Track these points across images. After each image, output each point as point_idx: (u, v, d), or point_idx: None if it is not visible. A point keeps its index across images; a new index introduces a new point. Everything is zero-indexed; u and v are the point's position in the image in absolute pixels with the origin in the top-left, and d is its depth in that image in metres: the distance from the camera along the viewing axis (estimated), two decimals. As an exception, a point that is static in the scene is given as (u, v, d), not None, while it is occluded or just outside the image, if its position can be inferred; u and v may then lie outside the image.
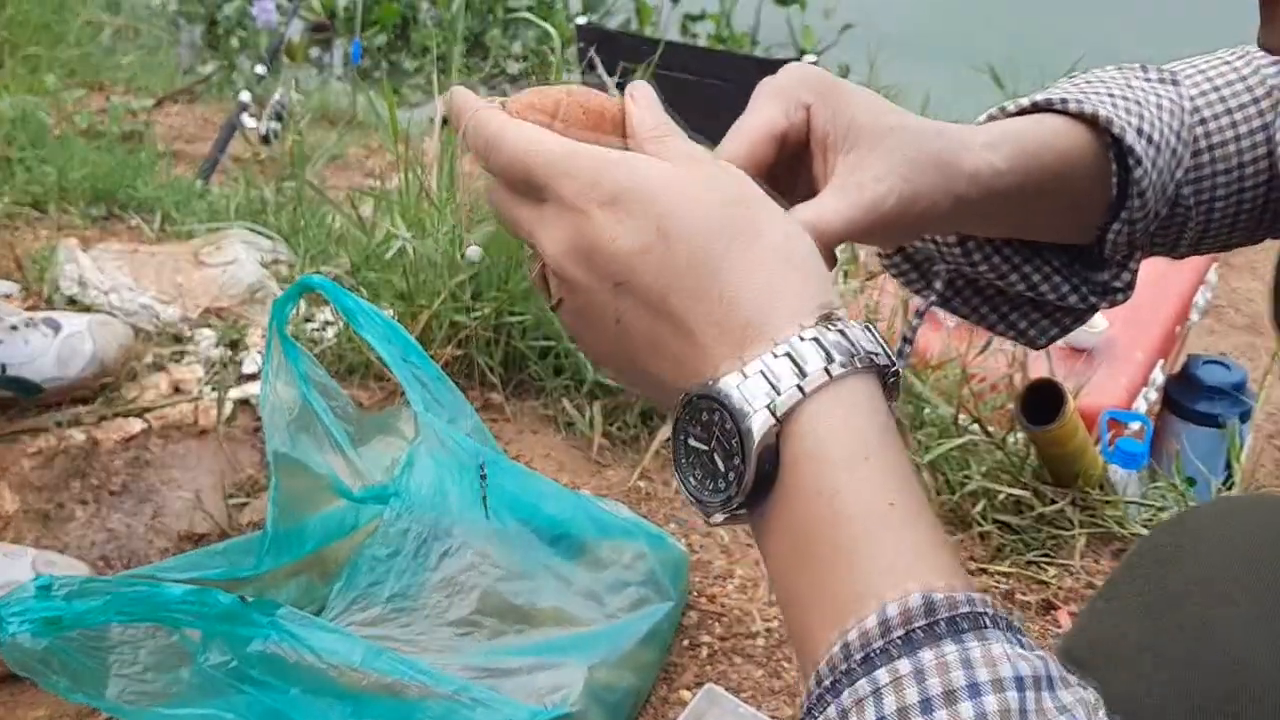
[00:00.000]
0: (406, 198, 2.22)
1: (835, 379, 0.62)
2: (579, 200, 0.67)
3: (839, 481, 0.61)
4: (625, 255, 0.66)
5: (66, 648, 1.12)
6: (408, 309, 2.02)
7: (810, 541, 0.62)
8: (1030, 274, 0.96)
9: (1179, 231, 0.99)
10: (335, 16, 7.10)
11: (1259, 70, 0.99)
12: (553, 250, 0.69)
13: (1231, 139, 0.97)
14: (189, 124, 4.09)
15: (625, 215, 0.66)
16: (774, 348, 0.63)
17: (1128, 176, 0.91)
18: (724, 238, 0.65)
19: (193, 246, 2.35)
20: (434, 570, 1.32)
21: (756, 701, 1.48)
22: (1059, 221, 0.93)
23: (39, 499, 1.72)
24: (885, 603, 0.58)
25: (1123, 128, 0.89)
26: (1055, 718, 0.55)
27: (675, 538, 1.62)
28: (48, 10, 4.39)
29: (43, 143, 2.82)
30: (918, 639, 0.57)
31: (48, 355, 1.83)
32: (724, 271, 0.65)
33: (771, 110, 0.78)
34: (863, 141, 0.78)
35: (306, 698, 1.16)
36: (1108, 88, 0.92)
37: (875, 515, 0.61)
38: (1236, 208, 0.99)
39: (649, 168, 0.68)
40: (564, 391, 2.00)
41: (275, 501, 1.37)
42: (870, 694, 0.56)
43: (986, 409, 1.98)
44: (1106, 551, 1.79)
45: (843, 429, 0.62)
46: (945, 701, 0.55)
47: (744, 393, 0.62)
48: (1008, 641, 0.58)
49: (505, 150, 0.70)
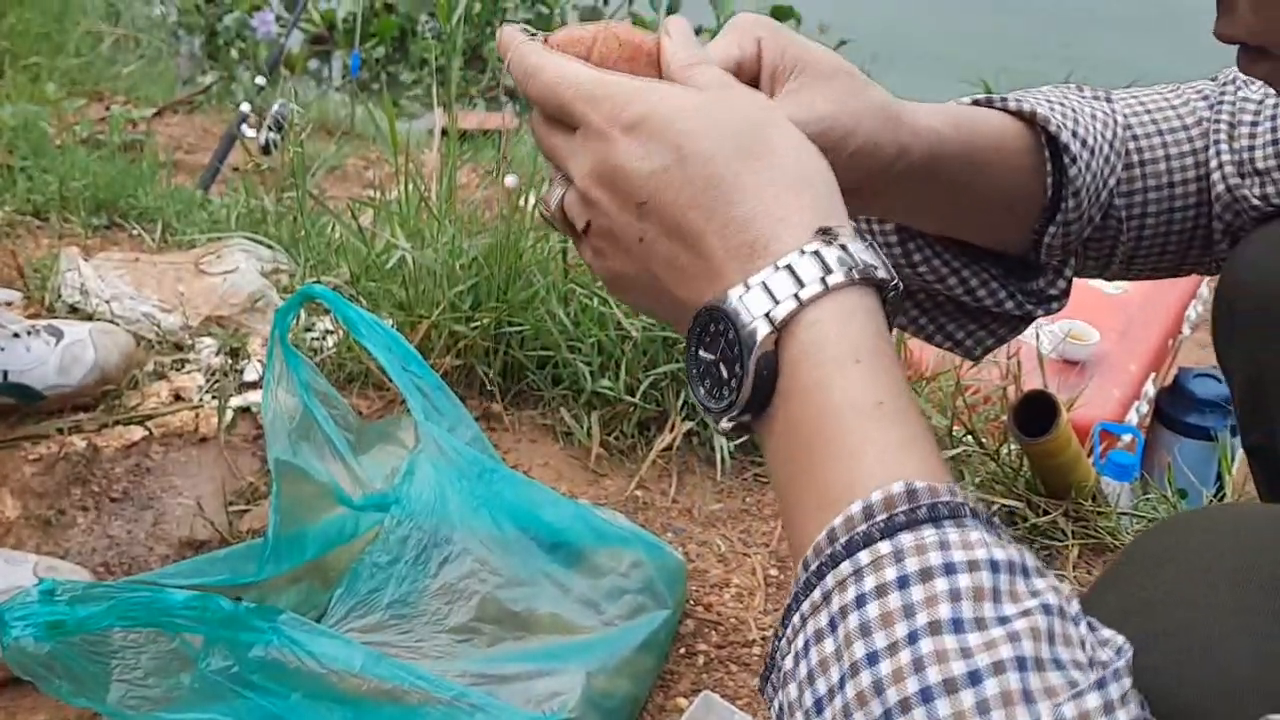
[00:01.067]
0: (406, 208, 2.22)
1: (831, 290, 0.65)
2: (605, 125, 0.71)
3: (831, 379, 0.64)
4: (646, 176, 0.69)
5: (69, 652, 1.12)
6: (407, 318, 2.02)
7: (803, 436, 0.65)
8: (968, 278, 0.99)
9: (1111, 245, 1.01)
10: (334, 29, 7.10)
11: (1189, 102, 1.02)
12: (582, 175, 0.73)
13: (1161, 157, 1.00)
14: (189, 134, 4.09)
15: (647, 139, 0.70)
16: (776, 261, 0.66)
17: (1062, 177, 0.93)
18: (737, 158, 0.69)
19: (194, 255, 2.35)
20: (433, 577, 1.33)
21: (752, 709, 1.48)
22: (997, 218, 0.95)
23: (40, 505, 1.72)
24: (870, 490, 0.60)
25: (1059, 127, 0.92)
26: (1027, 599, 0.56)
27: (672, 546, 1.62)
28: (48, 20, 4.39)
29: (44, 151, 2.82)
30: (899, 523, 0.59)
31: (49, 363, 1.83)
32: (736, 190, 0.68)
33: (726, 43, 0.82)
34: (808, 74, 0.82)
35: (307, 703, 1.16)
36: (1046, 96, 0.95)
37: (864, 412, 0.63)
38: (1166, 228, 1.01)
39: (671, 94, 0.72)
40: (562, 401, 2.00)
41: (276, 508, 1.38)
42: (851, 574, 0.58)
43: (980, 421, 1.99)
44: (1099, 563, 1.80)
45: (836, 334, 0.65)
46: (921, 578, 0.57)
47: (745, 304, 0.65)
48: (986, 532, 0.60)
49: (541, 80, 0.74)
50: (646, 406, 1.97)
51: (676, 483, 1.88)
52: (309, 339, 2.10)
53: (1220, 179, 0.99)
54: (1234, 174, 0.99)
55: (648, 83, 0.73)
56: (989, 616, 0.55)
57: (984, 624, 0.55)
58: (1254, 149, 0.98)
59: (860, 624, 0.57)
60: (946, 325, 1.03)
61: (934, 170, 0.86)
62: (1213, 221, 1.02)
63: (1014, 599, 0.56)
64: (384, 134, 2.46)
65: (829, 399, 0.64)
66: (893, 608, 0.56)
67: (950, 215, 0.93)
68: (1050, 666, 0.54)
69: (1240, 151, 0.99)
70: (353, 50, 5.67)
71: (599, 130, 0.71)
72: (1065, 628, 0.56)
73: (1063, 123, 0.92)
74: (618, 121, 0.70)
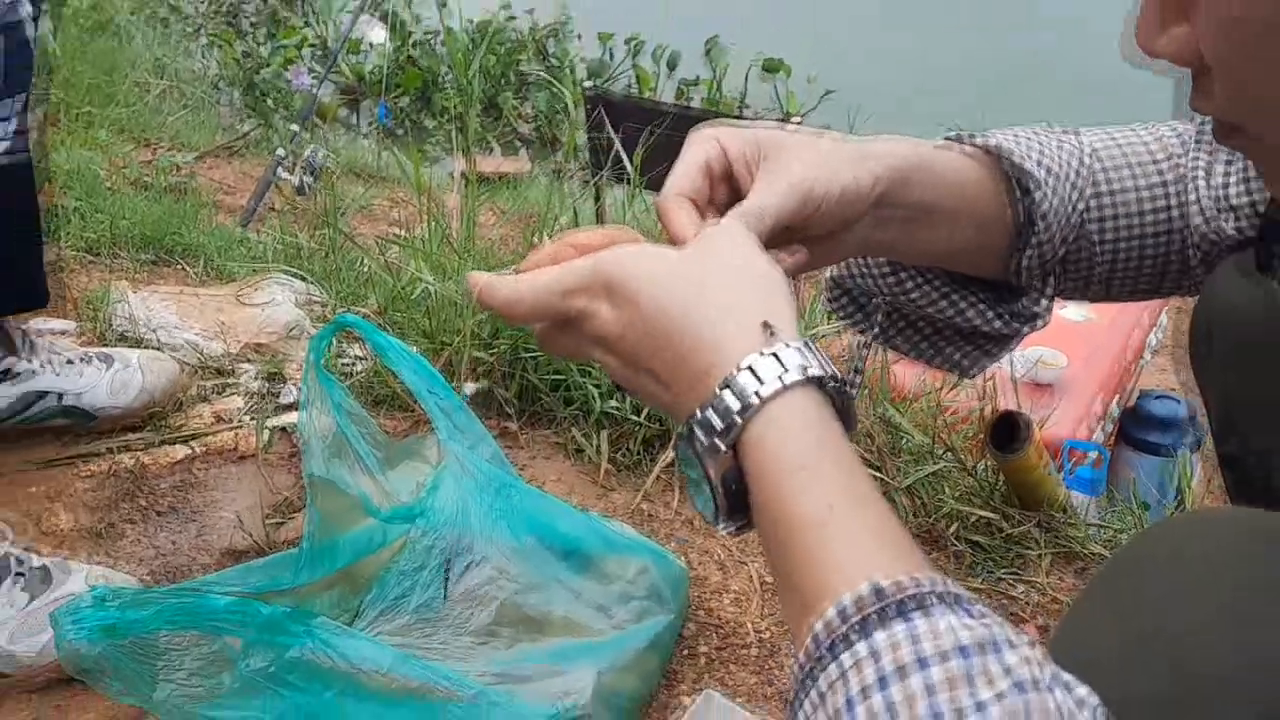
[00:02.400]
0: (430, 245, 2.23)
1: (766, 401, 0.66)
2: (588, 303, 0.74)
3: (782, 492, 0.65)
4: (619, 336, 0.73)
5: (119, 654, 1.12)
6: (431, 345, 2.03)
7: (776, 546, 0.66)
8: (957, 301, 0.99)
9: (1089, 267, 1.01)
10: (363, 80, 7.14)
11: (1162, 138, 1.02)
12: (593, 349, 0.76)
13: (1131, 187, 1.00)
14: (229, 177, 4.11)
15: (618, 302, 0.73)
16: (716, 385, 0.67)
17: (1030, 203, 0.93)
18: (679, 296, 0.71)
19: (234, 288, 2.36)
20: (456, 583, 1.32)
21: (751, 705, 1.48)
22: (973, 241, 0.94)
23: (92, 519, 1.72)
24: (840, 595, 0.61)
25: (1022, 157, 0.92)
26: (1000, 680, 0.56)
27: (675, 555, 1.61)
28: (100, 73, 4.41)
29: (96, 193, 2.83)
30: (872, 623, 0.59)
31: (101, 387, 1.84)
32: (679, 325, 0.70)
33: (694, 151, 0.83)
34: (776, 152, 0.83)
35: (340, 700, 1.16)
36: (1013, 133, 0.96)
37: (817, 520, 0.64)
38: (1139, 252, 1.01)
39: (624, 254, 0.74)
40: (573, 421, 2.00)
41: (311, 521, 1.37)
42: (838, 677, 0.59)
43: (959, 439, 1.98)
44: (1069, 570, 1.79)
45: (777, 444, 0.66)
46: (898, 676, 0.57)
47: (700, 429, 0.68)
48: (954, 614, 0.59)
49: (525, 306, 0.77)
50: (651, 425, 1.97)
51: (679, 496, 1.87)
52: (341, 364, 2.10)
53: (1199, 212, 0.99)
54: (1211, 208, 0.99)
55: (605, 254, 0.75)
56: (966, 706, 0.55)
57: (963, 714, 0.55)
58: (1229, 186, 0.98)
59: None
60: (945, 348, 1.04)
61: (907, 189, 0.87)
62: (1189, 250, 1.02)
63: (988, 682, 0.56)
64: (409, 177, 2.48)
65: (784, 512, 0.65)
66: (876, 709, 0.56)
67: (927, 241, 0.93)
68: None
69: (1216, 188, 0.99)
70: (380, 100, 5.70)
71: (585, 312, 0.74)
72: (1042, 701, 0.55)
73: (1025, 153, 0.93)
74: (596, 297, 0.73)
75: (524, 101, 7.50)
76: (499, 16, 8.01)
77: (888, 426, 1.98)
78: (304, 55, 7.38)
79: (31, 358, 1.77)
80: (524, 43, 7.95)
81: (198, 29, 7.85)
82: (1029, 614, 1.70)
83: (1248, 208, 0.98)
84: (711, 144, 0.83)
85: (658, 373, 0.71)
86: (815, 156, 0.82)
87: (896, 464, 1.90)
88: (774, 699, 1.51)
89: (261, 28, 8.15)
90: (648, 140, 2.50)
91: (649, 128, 2.58)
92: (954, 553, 1.80)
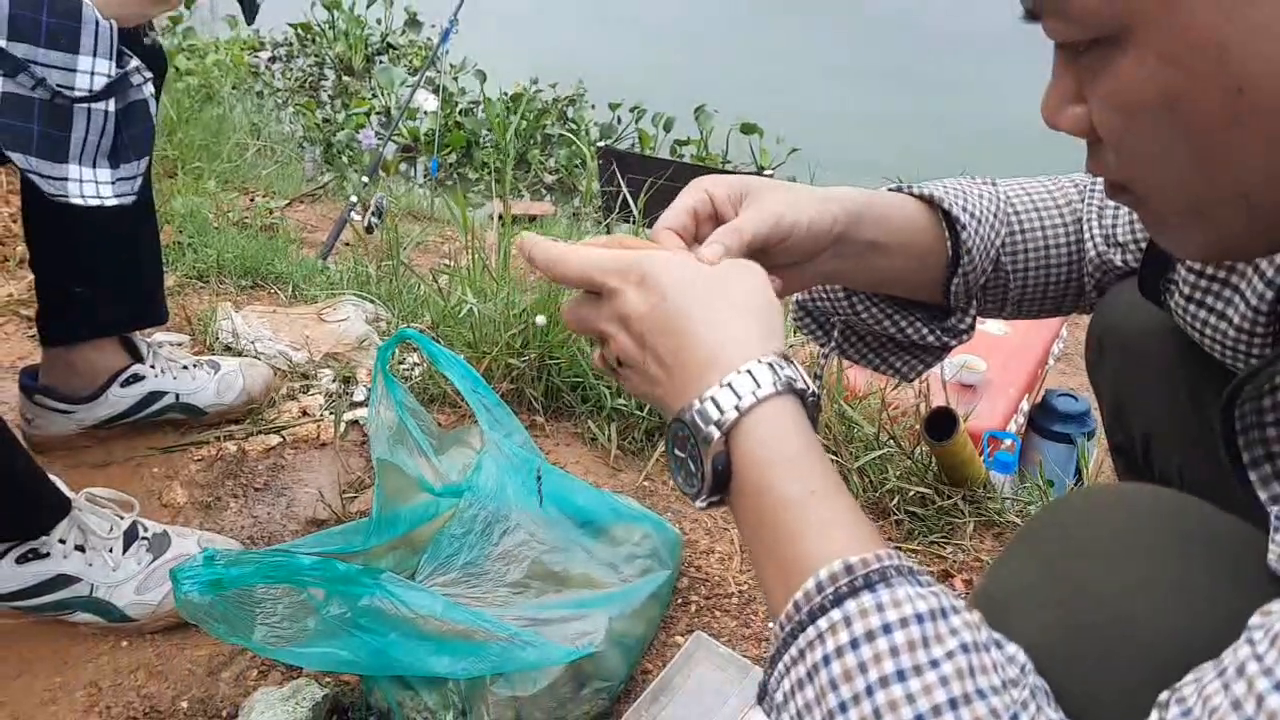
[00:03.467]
0: (473, 273, 2.23)
1: (761, 401, 0.66)
2: (621, 284, 0.72)
3: (771, 477, 0.65)
4: (642, 315, 0.71)
5: (224, 603, 1.12)
6: (474, 354, 2.03)
7: (760, 524, 0.65)
8: (898, 320, 0.99)
9: (1003, 292, 1.02)
10: (419, 141, 7.13)
11: (1064, 188, 1.03)
12: (607, 322, 0.74)
13: (1038, 228, 1.00)
14: (312, 219, 4.10)
15: (648, 289, 0.71)
16: (722, 380, 0.66)
17: (958, 239, 0.93)
18: (700, 300, 0.70)
19: (316, 308, 2.36)
20: (495, 545, 1.33)
21: (732, 645, 1.48)
22: (914, 272, 0.95)
23: (202, 494, 1.72)
24: (818, 569, 0.60)
25: (951, 204, 0.92)
26: (949, 639, 0.56)
27: (671, 523, 1.62)
28: (208, 135, 4.40)
29: (205, 231, 2.83)
30: (843, 593, 0.59)
31: (209, 388, 1.84)
32: (697, 324, 0.69)
33: (685, 199, 0.83)
34: (756, 192, 0.83)
35: (401, 640, 1.16)
36: (943, 184, 0.96)
37: (801, 502, 0.64)
38: (1045, 279, 1.02)
39: (665, 257, 0.73)
40: (589, 415, 2.00)
41: (379, 495, 1.38)
42: (816, 637, 0.58)
43: (900, 429, 1.98)
44: (989, 535, 1.79)
45: (768, 437, 0.66)
46: (866, 639, 0.57)
47: (699, 415, 0.66)
48: (909, 584, 0.59)
49: (570, 264, 0.75)
50: (652, 419, 1.97)
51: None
52: (402, 370, 2.11)
53: (1093, 247, 1.00)
54: (1103, 244, 0.99)
55: (648, 251, 0.74)
56: (923, 663, 0.55)
57: (920, 670, 0.55)
58: (1116, 226, 0.99)
59: (829, 680, 0.57)
60: (889, 357, 1.04)
61: (860, 228, 0.87)
62: (1085, 278, 1.02)
63: (939, 642, 0.56)
64: (456, 218, 2.48)
65: (773, 494, 0.64)
66: (850, 665, 0.56)
67: (879, 275, 0.94)
68: (975, 698, 0.54)
69: (1107, 228, 0.99)
70: (433, 157, 5.70)
71: (616, 289, 0.72)
72: (981, 659, 0.56)
73: (954, 201, 0.93)
74: (629, 280, 0.72)
75: (549, 157, 7.48)
76: (528, 89, 8.01)
77: (843, 419, 1.98)
78: (371, 120, 7.37)
79: (154, 364, 1.78)
80: (548, 109, 7.93)
81: (286, 100, 7.86)
82: (956, 570, 1.70)
83: (1132, 244, 0.98)
84: (700, 193, 0.83)
85: (663, 357, 0.70)
86: (787, 196, 0.83)
87: (850, 449, 1.91)
88: (750, 639, 1.51)
89: (337, 98, 8.15)
90: (649, 188, 2.50)
91: (650, 178, 2.59)
92: (895, 521, 1.80)
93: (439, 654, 1.18)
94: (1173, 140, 0.56)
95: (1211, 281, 0.81)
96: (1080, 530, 0.67)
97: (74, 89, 1.12)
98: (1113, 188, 0.65)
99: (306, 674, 1.35)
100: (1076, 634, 0.62)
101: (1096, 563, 0.65)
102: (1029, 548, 0.70)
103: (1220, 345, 0.81)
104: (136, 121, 1.20)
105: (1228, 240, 0.60)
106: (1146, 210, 0.63)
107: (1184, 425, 0.99)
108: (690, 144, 7.81)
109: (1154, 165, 0.59)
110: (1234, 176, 0.56)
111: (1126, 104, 0.57)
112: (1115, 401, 1.07)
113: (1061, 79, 0.62)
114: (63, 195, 1.15)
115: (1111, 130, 0.59)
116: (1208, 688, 0.50)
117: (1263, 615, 0.51)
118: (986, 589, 0.70)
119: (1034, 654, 0.60)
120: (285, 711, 1.24)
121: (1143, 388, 1.02)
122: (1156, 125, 0.56)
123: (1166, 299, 0.87)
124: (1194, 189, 0.58)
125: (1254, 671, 0.47)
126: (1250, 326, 0.77)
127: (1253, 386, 0.65)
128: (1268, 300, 0.74)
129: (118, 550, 1.42)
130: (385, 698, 1.26)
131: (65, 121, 1.13)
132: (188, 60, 6.59)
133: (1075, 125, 0.62)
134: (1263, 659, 0.48)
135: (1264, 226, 0.58)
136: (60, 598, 1.39)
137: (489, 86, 7.89)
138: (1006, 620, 0.62)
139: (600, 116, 8.11)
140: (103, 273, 1.65)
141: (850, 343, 1.04)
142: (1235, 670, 0.49)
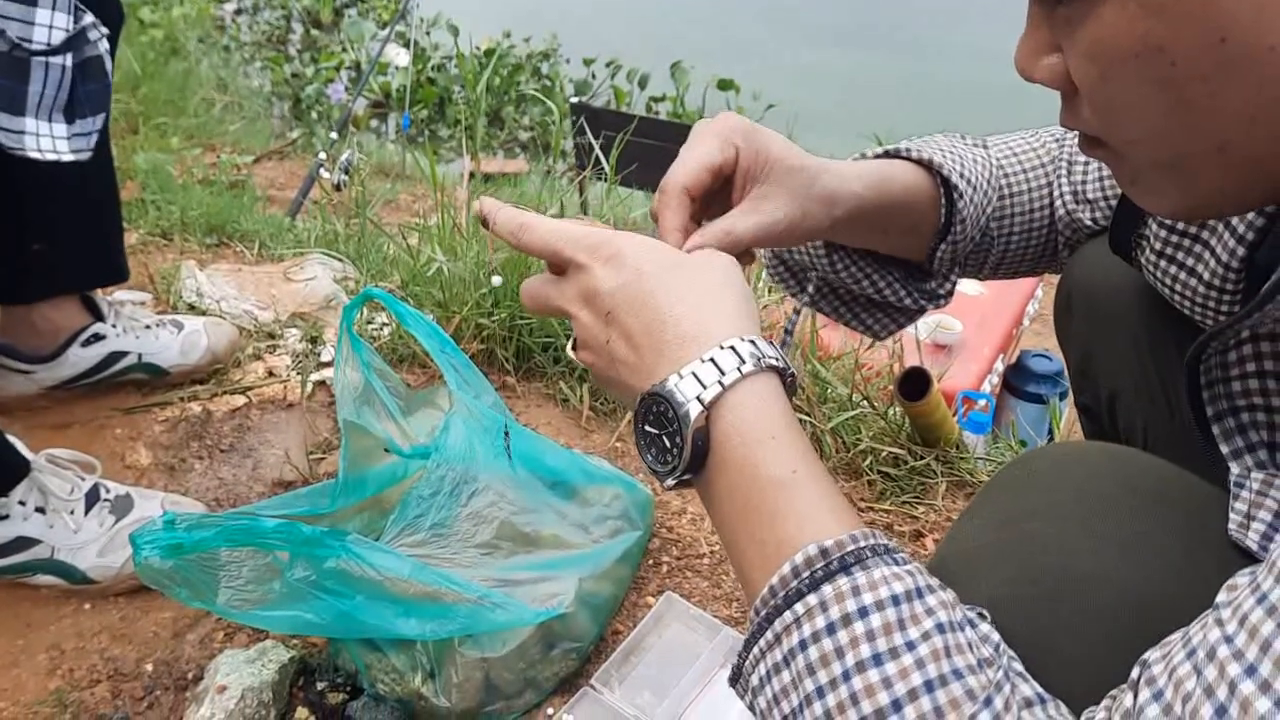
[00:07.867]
0: (443, 231, 2.21)
1: (745, 376, 0.64)
2: (589, 260, 0.70)
3: (755, 455, 0.63)
4: (611, 291, 0.69)
5: (186, 566, 1.11)
6: (444, 314, 2.01)
7: (739, 503, 0.64)
8: (877, 280, 0.98)
9: (985, 256, 1.01)
10: (390, 96, 7.05)
11: (1045, 144, 1.02)
12: (570, 300, 0.72)
13: (1024, 190, 0.99)
14: (279, 175, 4.06)
15: (618, 266, 0.70)
16: (702, 355, 0.65)
17: (953, 208, 0.92)
18: (677, 279, 0.69)
19: (282, 267, 2.33)
20: (464, 506, 1.32)
21: (703, 605, 1.48)
22: (903, 239, 0.94)
23: (166, 455, 1.71)
24: (794, 552, 0.59)
25: (950, 170, 0.91)
26: (925, 620, 0.56)
27: (643, 484, 1.62)
28: (173, 89, 4.34)
29: (169, 188, 2.79)
30: (819, 577, 0.58)
31: (173, 347, 1.82)
32: (674, 301, 0.68)
33: (710, 147, 0.78)
34: (772, 178, 0.80)
35: (368, 603, 1.16)
36: (938, 145, 0.94)
37: (783, 482, 0.62)
38: (1026, 241, 1.02)
39: (637, 238, 0.72)
40: (561, 376, 1.99)
41: (345, 457, 1.37)
42: (792, 621, 0.58)
43: (873, 389, 1.99)
44: (961, 494, 1.80)
45: (753, 414, 0.64)
46: (843, 623, 0.56)
47: (680, 390, 0.65)
48: (885, 564, 0.58)
49: (536, 233, 0.73)
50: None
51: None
52: (370, 329, 2.09)
53: (1061, 205, 0.99)
54: (1071, 201, 0.99)
55: (618, 232, 0.72)
56: (899, 645, 0.55)
57: (897, 653, 0.54)
58: (1085, 183, 0.98)
59: (806, 664, 0.56)
60: (861, 314, 1.03)
61: (856, 223, 0.86)
62: (1057, 237, 1.01)
63: (915, 623, 0.55)
64: (427, 175, 2.45)
65: (756, 473, 0.63)
66: (826, 650, 0.56)
67: (869, 241, 0.93)
68: (952, 679, 0.54)
69: (1076, 184, 0.99)
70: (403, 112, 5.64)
71: (584, 265, 0.70)
72: (957, 638, 0.55)
73: (953, 167, 0.91)
74: (598, 257, 0.70)
75: (522, 113, 7.42)
76: (502, 44, 7.93)
77: (816, 379, 1.98)
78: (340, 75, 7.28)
79: (115, 324, 1.75)
80: (522, 65, 7.86)
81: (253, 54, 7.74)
82: (928, 530, 1.71)
83: (1101, 201, 0.97)
84: (729, 148, 0.78)
85: (633, 334, 0.68)
86: (794, 198, 0.80)
87: (823, 410, 1.91)
88: (721, 599, 1.52)
89: (305, 53, 8.04)
90: (621, 144, 2.48)
91: (623, 134, 2.56)
92: (868, 481, 1.80)
93: (406, 616, 1.17)
94: (1152, 91, 0.55)
95: (1183, 237, 0.80)
96: (1039, 488, 0.67)
97: (32, 41, 1.12)
98: (1087, 141, 0.63)
99: (273, 636, 1.34)
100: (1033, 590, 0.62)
101: (1052, 521, 0.65)
102: (990, 506, 0.70)
103: (1190, 301, 0.81)
104: (93, 78, 1.19)
105: (1202, 196, 0.59)
106: (1121, 164, 0.62)
107: (1148, 383, 0.99)
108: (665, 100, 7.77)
109: (1131, 116, 0.58)
110: (1213, 127, 0.55)
111: (1106, 53, 0.56)
112: (1082, 360, 1.08)
113: (1037, 30, 0.61)
114: (19, 148, 1.15)
115: (1088, 81, 0.58)
116: (1179, 669, 0.49)
117: (1229, 591, 0.50)
118: (948, 547, 0.70)
119: (993, 610, 0.60)
120: (251, 673, 1.24)
121: (1109, 347, 1.02)
122: (1136, 75, 0.55)
123: (1137, 255, 0.87)
124: (1171, 141, 0.57)
125: (1225, 655, 0.47)
126: (1220, 283, 0.77)
127: (1219, 342, 0.64)
128: (1239, 257, 0.74)
129: (79, 512, 1.41)
130: (353, 660, 1.26)
131: (24, 74, 1.13)
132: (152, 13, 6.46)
133: (1050, 76, 0.61)
134: (1233, 640, 0.47)
135: (1238, 182, 0.57)
136: (21, 560, 1.38)
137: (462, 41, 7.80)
138: (967, 578, 0.62)
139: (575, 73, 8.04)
140: (61, 230, 1.62)
141: (824, 297, 1.03)
142: (1206, 654, 0.48)
